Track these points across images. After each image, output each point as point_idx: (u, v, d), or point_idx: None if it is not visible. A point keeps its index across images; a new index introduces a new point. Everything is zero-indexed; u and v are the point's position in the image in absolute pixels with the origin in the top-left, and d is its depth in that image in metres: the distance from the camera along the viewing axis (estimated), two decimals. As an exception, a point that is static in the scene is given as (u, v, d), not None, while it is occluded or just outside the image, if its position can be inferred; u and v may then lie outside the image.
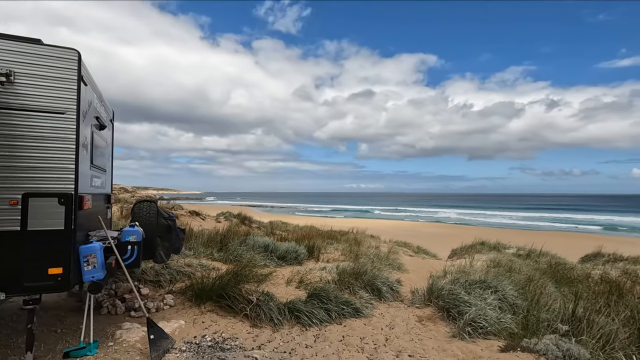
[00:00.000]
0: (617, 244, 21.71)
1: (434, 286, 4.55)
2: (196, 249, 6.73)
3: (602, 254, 14.86)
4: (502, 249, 14.07)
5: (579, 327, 3.96)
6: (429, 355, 3.10)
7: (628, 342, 3.87)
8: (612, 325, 4.03)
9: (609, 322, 4.06)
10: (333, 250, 9.23)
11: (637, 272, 11.02)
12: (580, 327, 3.97)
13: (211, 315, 3.91)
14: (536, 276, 8.27)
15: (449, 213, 65.04)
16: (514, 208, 77.10)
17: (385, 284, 5.08)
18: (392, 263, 8.67)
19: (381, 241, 14.75)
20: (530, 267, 10.64)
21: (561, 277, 9.20)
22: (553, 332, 3.97)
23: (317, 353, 3.11)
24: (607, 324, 4.05)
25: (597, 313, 4.62)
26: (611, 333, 3.56)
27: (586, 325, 3.95)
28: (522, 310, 4.29)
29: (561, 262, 11.95)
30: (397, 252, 12.14)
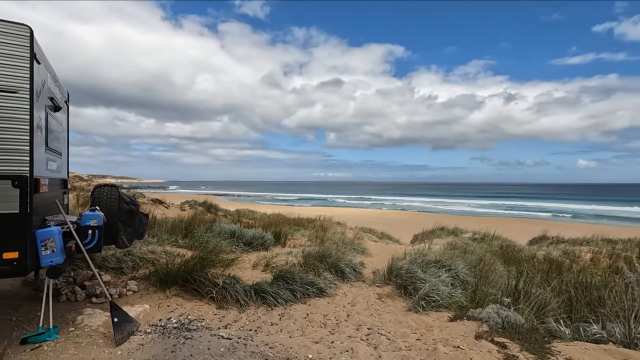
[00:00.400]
0: (561, 228, 23.66)
1: (394, 266, 4.85)
2: (160, 236, 6.61)
3: (547, 237, 16.21)
4: (459, 233, 14.95)
5: (520, 299, 4.41)
6: (385, 327, 3.35)
7: (558, 309, 4.37)
8: (544, 295, 4.52)
9: (542, 293, 4.55)
10: (300, 237, 9.40)
11: (575, 252, 12.17)
12: (520, 298, 4.42)
13: (176, 299, 3.94)
14: (487, 257, 8.94)
15: (413, 201, 67.40)
16: (473, 196, 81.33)
17: (348, 265, 5.31)
18: (357, 247, 9.00)
19: (347, 228, 15.14)
20: (483, 249, 11.42)
21: (510, 257, 9.99)
22: (496, 303, 4.39)
23: (282, 329, 3.26)
24: (540, 295, 4.54)
25: (535, 286, 5.15)
26: (543, 302, 4.00)
27: (524, 296, 4.41)
28: (472, 286, 4.69)
29: (511, 245, 12.91)
30: (362, 237, 12.56)
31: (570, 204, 58.68)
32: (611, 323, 3.43)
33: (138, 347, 2.81)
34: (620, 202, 60.14)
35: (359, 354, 2.69)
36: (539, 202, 61.40)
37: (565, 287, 6.14)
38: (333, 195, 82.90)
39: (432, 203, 62.67)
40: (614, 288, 5.42)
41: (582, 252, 12.29)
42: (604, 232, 17.32)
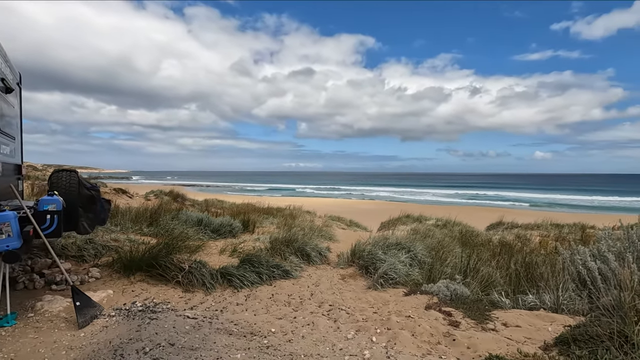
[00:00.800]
0: (517, 215, 25.25)
1: (357, 249, 5.09)
2: (123, 224, 6.49)
3: (503, 223, 17.28)
4: (423, 220, 15.60)
5: (469, 276, 4.80)
6: (346, 303, 3.57)
7: (504, 284, 4.80)
8: (491, 272, 4.94)
9: (489, 271, 4.97)
10: (268, 225, 9.50)
11: (527, 236, 13.12)
12: (470, 275, 4.81)
13: (141, 284, 3.95)
14: (446, 241, 9.48)
15: (382, 191, 68.99)
16: (439, 186, 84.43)
17: (314, 250, 5.50)
18: (325, 234, 9.23)
19: (316, 216, 15.38)
20: (444, 234, 12.06)
21: (467, 241, 10.63)
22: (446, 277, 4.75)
23: (247, 309, 3.38)
24: (487, 272, 4.96)
25: (486, 265, 5.59)
26: (490, 277, 4.39)
27: (474, 273, 4.80)
28: (428, 265, 5.03)
29: (470, 230, 13.69)
30: (331, 225, 12.84)
31: (527, 192, 62.46)
32: (546, 294, 3.85)
33: (102, 328, 2.84)
34: (571, 191, 64.74)
35: (319, 327, 2.87)
36: (500, 192, 64.80)
37: (513, 266, 6.70)
38: (303, 186, 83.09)
39: (400, 193, 64.46)
40: (553, 265, 6.00)
41: (532, 236, 13.29)
42: (554, 218, 18.71)
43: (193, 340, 2.59)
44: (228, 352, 2.42)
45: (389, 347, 2.44)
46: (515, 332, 2.78)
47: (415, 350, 2.43)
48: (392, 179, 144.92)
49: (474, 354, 2.38)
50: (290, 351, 2.42)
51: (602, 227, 15.28)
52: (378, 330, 2.74)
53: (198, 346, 2.49)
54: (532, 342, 2.60)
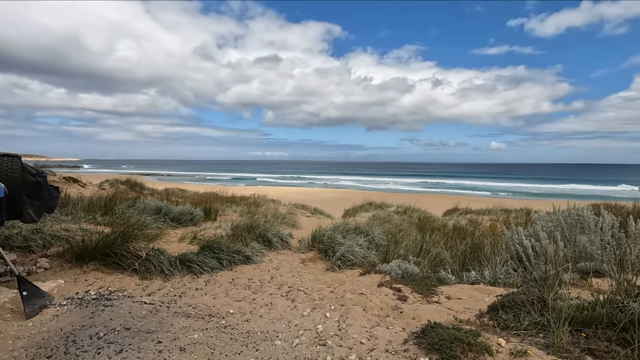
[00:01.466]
0: (472, 202, 26.77)
1: (317, 234, 5.24)
2: (75, 214, 6.19)
3: (458, 209, 18.32)
4: (385, 207, 16.16)
5: (421, 256, 5.13)
6: (305, 285, 3.71)
7: (453, 264, 5.18)
8: (441, 252, 5.31)
9: (440, 252, 5.34)
10: (231, 213, 9.44)
11: (478, 221, 14.02)
12: (422, 255, 5.15)
13: (95, 273, 3.85)
14: (404, 226, 9.94)
15: (347, 179, 70.08)
16: (402, 175, 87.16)
17: (276, 236, 5.59)
18: (288, 222, 9.35)
19: (281, 204, 15.44)
20: (403, 220, 12.59)
21: (424, 226, 11.20)
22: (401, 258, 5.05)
23: (207, 293, 3.43)
24: (437, 252, 5.32)
25: (437, 245, 5.98)
26: (439, 257, 4.73)
27: (425, 253, 5.14)
28: (384, 248, 5.31)
29: (428, 216, 14.39)
30: (295, 213, 12.98)
31: (483, 181, 66.18)
32: (486, 270, 4.24)
33: (52, 317, 2.77)
34: (522, 180, 69.44)
35: (277, 307, 2.99)
36: (459, 180, 68.15)
37: (462, 247, 7.19)
38: (269, 175, 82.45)
39: (365, 182, 65.87)
40: (496, 245, 6.53)
41: (483, 220, 14.24)
42: (504, 204, 20.09)
43: (150, 324, 2.61)
44: (185, 332, 2.47)
45: (341, 321, 2.61)
46: (456, 303, 3.06)
47: (366, 322, 2.61)
48: (357, 167, 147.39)
49: (417, 323, 2.60)
50: (247, 329, 2.52)
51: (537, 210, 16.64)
52: (332, 307, 2.91)
53: (155, 329, 2.52)
54: (470, 311, 2.89)
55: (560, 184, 58.46)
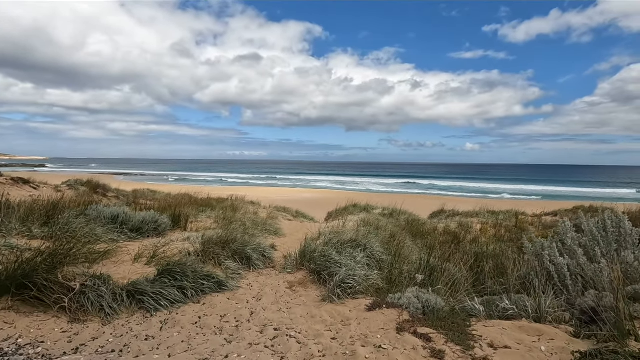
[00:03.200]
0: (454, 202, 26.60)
1: (307, 249, 4.32)
2: (6, 224, 4.99)
3: (444, 211, 17.85)
4: (370, 209, 15.42)
5: (433, 276, 4.32)
6: (296, 325, 2.80)
7: (465, 282, 4.41)
8: (455, 271, 4.51)
9: (452, 269, 4.55)
10: (205, 219, 8.36)
11: (468, 224, 13.50)
12: (434, 275, 4.34)
13: (7, 314, 2.78)
14: (397, 232, 9.17)
15: (327, 180, 69.53)
16: (382, 175, 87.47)
17: (256, 250, 4.63)
18: (269, 228, 8.37)
19: (261, 207, 14.37)
20: (392, 224, 11.84)
21: (416, 231, 10.50)
22: (413, 283, 4.22)
23: (160, 345, 2.45)
24: (451, 270, 4.53)
25: (446, 261, 5.19)
26: (455, 278, 3.94)
27: (437, 273, 4.33)
28: (387, 265, 4.47)
29: (416, 219, 13.74)
30: (276, 217, 11.98)
31: (462, 182, 67.17)
32: (517, 295, 3.47)
33: None
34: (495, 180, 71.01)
35: (261, 372, 2.06)
36: (435, 181, 68.88)
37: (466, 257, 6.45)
38: (248, 175, 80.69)
39: (345, 182, 65.53)
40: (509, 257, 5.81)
41: (473, 223, 13.74)
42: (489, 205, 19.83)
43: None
44: None
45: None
46: (507, 356, 2.24)
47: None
48: (337, 167, 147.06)
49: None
50: None
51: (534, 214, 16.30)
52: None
53: None
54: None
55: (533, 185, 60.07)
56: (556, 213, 16.20)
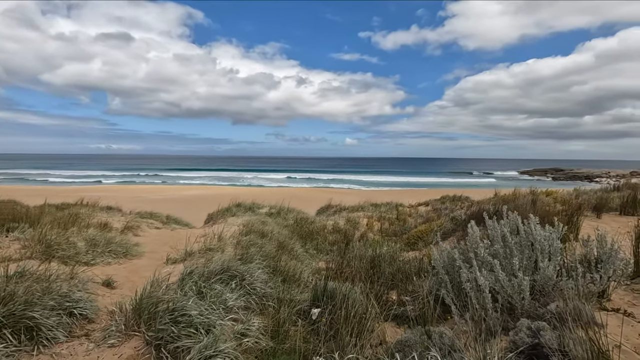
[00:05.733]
0: (341, 195, 27.37)
1: (146, 301, 2.72)
2: None
3: (331, 205, 17.73)
4: (256, 209, 14.03)
5: (333, 304, 3.30)
6: None
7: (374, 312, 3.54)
8: (360, 295, 3.60)
9: (357, 295, 3.63)
10: (8, 243, 5.67)
11: (355, 219, 13.42)
12: (334, 304, 3.33)
13: None
14: (286, 238, 8.09)
15: (212, 176, 64.96)
16: (270, 170, 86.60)
17: (58, 309, 2.79)
18: (117, 248, 6.22)
19: (119, 214, 11.46)
20: (280, 225, 10.72)
21: (306, 233, 9.63)
22: (309, 321, 3.11)
23: None
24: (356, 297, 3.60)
25: (344, 279, 4.27)
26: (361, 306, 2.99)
27: (340, 301, 3.33)
28: (273, 301, 3.25)
29: (304, 217, 12.98)
30: (139, 226, 9.54)
31: (341, 174, 71.39)
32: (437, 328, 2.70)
33: None
34: (371, 173, 78.07)
35: None
36: (322, 174, 71.64)
37: (362, 263, 5.70)
38: (115, 172, 69.27)
39: (232, 179, 62.34)
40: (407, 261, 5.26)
41: (359, 218, 13.78)
42: (370, 196, 20.68)
43: None
44: None
45: None
46: None
47: None
48: (223, 162, 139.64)
49: None
50: None
51: (410, 205, 17.43)
52: None
53: None
54: None
55: (404, 177, 68.11)
56: (428, 203, 17.79)
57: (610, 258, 2.77)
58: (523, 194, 9.96)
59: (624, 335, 2.44)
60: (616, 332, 2.45)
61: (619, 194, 7.50)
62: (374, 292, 4.19)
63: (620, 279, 2.89)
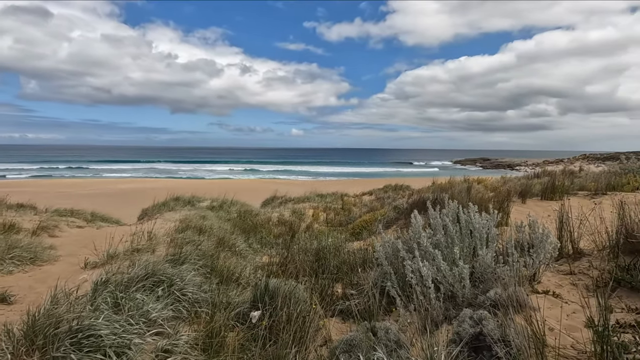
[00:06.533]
0: (287, 185, 27.03)
1: (45, 318, 2.23)
2: None
3: (277, 197, 17.40)
4: (196, 202, 13.22)
5: (275, 305, 3.07)
6: None
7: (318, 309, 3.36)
8: (304, 292, 3.41)
9: (301, 292, 3.43)
10: None
11: (301, 210, 13.27)
12: (275, 305, 3.09)
13: None
14: (227, 232, 7.65)
15: (151, 168, 60.61)
16: (213, 161, 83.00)
17: None
18: (23, 253, 5.33)
19: (35, 212, 10.00)
20: (222, 219, 10.18)
21: (249, 227, 9.23)
22: (247, 325, 2.84)
23: None
24: (299, 294, 3.40)
25: (288, 276, 4.06)
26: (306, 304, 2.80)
27: (283, 301, 3.10)
28: (208, 306, 2.92)
29: (248, 210, 12.51)
30: (56, 225, 8.40)
31: (288, 166, 70.94)
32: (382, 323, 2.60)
33: None
34: (317, 163, 78.72)
35: None
36: (268, 166, 70.49)
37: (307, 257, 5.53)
38: (31, 164, 61.32)
39: (171, 171, 58.74)
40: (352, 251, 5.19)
41: (305, 209, 13.65)
42: (316, 187, 20.67)
43: None
44: None
45: None
46: None
47: None
48: (162, 153, 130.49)
49: None
50: None
51: (355, 194, 17.71)
52: None
53: None
54: None
55: (348, 167, 69.65)
56: (371, 192, 18.25)
57: (541, 242, 2.88)
58: (458, 182, 10.55)
59: (554, 317, 2.55)
60: (548, 314, 2.54)
61: (539, 181, 8.22)
62: (319, 287, 4.05)
63: (550, 261, 3.03)
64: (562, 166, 25.29)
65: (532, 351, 1.97)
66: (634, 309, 2.44)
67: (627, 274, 2.76)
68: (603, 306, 2.00)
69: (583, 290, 2.84)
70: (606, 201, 5.89)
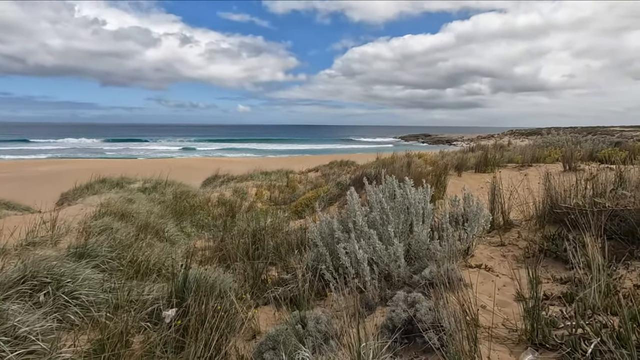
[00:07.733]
0: (230, 164, 25.91)
1: None
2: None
3: (219, 176, 16.51)
4: (126, 184, 12.01)
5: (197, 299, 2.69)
6: None
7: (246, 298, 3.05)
8: (231, 279, 3.06)
9: (229, 280, 3.08)
10: None
11: (244, 189, 12.70)
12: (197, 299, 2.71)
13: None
14: (158, 214, 6.98)
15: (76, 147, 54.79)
16: (150, 139, 77.10)
17: None
18: None
19: None
20: (155, 201, 9.34)
21: (183, 210, 8.55)
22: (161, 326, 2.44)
23: None
24: (227, 281, 3.05)
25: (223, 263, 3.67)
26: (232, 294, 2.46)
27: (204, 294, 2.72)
28: (107, 309, 2.45)
29: (186, 191, 11.64)
30: (-58, 217, 7.01)
31: (233, 143, 68.41)
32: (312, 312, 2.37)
33: None
34: (263, 141, 76.97)
35: None
36: (212, 144, 67.29)
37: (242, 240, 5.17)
38: None
39: (103, 150, 53.63)
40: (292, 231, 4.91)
41: (248, 188, 13.09)
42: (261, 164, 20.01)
43: None
44: None
45: None
46: None
47: None
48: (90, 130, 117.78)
49: None
50: None
51: (301, 171, 17.44)
52: None
53: None
54: None
55: (296, 144, 69.04)
56: (317, 169, 18.10)
57: (475, 216, 2.81)
58: (400, 157, 10.72)
59: (487, 292, 2.49)
60: (481, 290, 2.48)
61: (473, 155, 8.56)
62: (253, 273, 3.73)
63: (483, 233, 2.99)
64: (494, 141, 27.26)
65: (464, 334, 1.84)
66: (559, 278, 2.46)
67: (552, 244, 2.80)
68: (532, 278, 1.92)
69: (512, 262, 2.85)
70: (532, 172, 6.24)
